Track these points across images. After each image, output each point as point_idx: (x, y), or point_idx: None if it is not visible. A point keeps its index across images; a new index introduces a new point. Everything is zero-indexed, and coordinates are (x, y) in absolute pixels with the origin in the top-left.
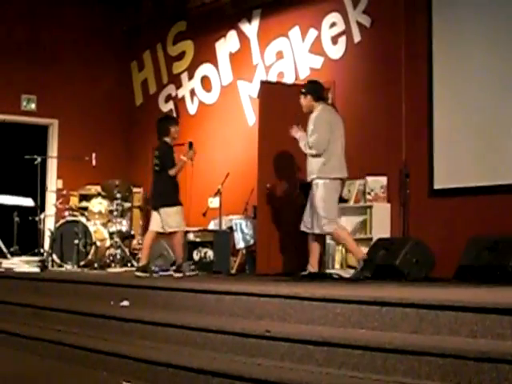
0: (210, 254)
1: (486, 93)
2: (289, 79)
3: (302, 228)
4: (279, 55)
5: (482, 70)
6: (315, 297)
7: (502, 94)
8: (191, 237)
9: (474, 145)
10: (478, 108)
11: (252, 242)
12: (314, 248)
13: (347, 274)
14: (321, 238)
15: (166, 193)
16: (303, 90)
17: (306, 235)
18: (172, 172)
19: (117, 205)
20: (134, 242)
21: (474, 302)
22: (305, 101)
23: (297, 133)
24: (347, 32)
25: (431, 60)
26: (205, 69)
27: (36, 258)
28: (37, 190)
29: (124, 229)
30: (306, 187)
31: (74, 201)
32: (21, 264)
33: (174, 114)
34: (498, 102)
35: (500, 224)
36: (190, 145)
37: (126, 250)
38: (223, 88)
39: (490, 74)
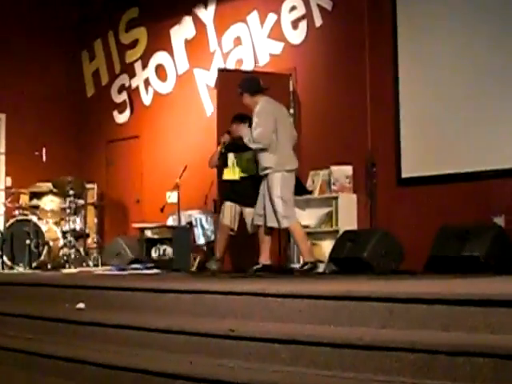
0: (169, 251)
1: (453, 78)
2: (248, 66)
3: (256, 221)
4: (237, 41)
5: (450, 54)
6: (280, 293)
7: (471, 78)
8: (149, 234)
9: (442, 131)
10: (446, 93)
11: (213, 237)
12: (267, 241)
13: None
14: (273, 232)
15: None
16: (239, 91)
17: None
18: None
19: (70, 202)
20: (89, 240)
21: (445, 293)
22: (245, 99)
23: (242, 129)
24: (308, 16)
25: (396, 43)
26: (159, 57)
27: None
28: None
29: (78, 227)
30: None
31: (24, 199)
32: None
33: (128, 106)
34: (466, 87)
35: (470, 212)
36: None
37: (81, 250)
38: (179, 77)
39: (458, 57)
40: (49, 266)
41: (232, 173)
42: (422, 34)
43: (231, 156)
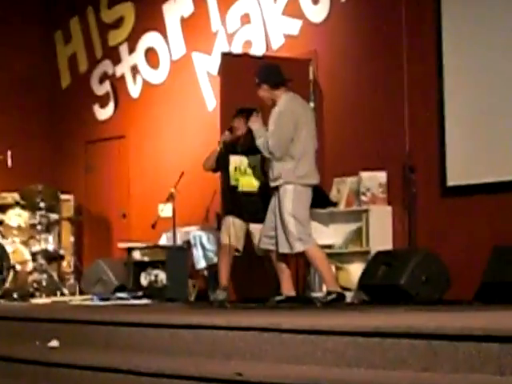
0: (163, 276)
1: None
2: (258, 50)
3: (264, 245)
4: (245, 19)
5: (507, 37)
6: (299, 328)
7: None
8: (137, 255)
9: (497, 130)
10: (503, 83)
11: (216, 260)
12: (283, 269)
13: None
14: (289, 258)
15: None
16: (256, 81)
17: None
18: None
19: (41, 217)
20: (64, 264)
21: (502, 329)
22: (262, 92)
23: (254, 123)
24: None
25: (440, 22)
26: (150, 39)
27: None
28: None
29: (51, 248)
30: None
31: None
32: None
33: (112, 98)
34: None
35: None
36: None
37: (54, 275)
38: (174, 63)
39: None
40: (15, 296)
41: (249, 183)
42: (473, 10)
43: (235, 159)
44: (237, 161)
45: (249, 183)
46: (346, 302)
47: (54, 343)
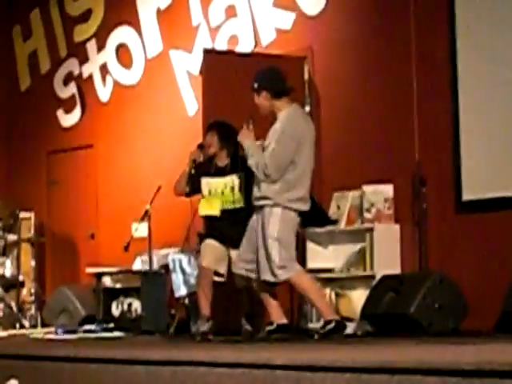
0: (137, 305)
1: None
2: (246, 46)
3: (238, 270)
4: (231, 12)
5: None
6: (294, 364)
7: None
8: (108, 282)
9: None
10: None
11: None
12: (268, 299)
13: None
14: (273, 286)
15: None
16: (255, 86)
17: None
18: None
19: None
20: (24, 291)
21: None
22: (260, 100)
23: (247, 139)
24: None
25: (454, 19)
26: (121, 34)
27: None
28: None
29: (8, 273)
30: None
31: None
32: None
33: (78, 102)
34: None
35: None
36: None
37: (13, 305)
38: (149, 62)
39: None
40: None
41: (209, 205)
42: (490, 13)
43: (207, 181)
44: (212, 184)
45: (207, 206)
46: (347, 332)
47: (13, 383)
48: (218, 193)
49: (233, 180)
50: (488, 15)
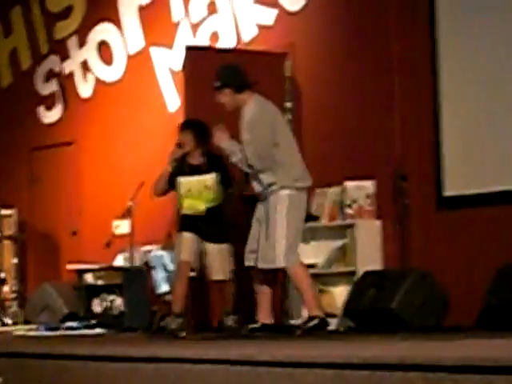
0: (119, 302)
1: None
2: (227, 43)
3: (248, 262)
4: (212, 8)
5: (503, 36)
6: (276, 360)
7: None
8: (90, 279)
9: (502, 132)
10: (505, 84)
11: None
12: (265, 291)
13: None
14: (272, 277)
15: None
16: (217, 85)
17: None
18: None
19: None
20: (5, 288)
21: (508, 358)
22: (224, 97)
23: (224, 140)
24: None
25: (433, 13)
26: (102, 31)
27: None
28: None
29: None
30: (253, 202)
31: None
32: None
33: (59, 98)
34: None
35: None
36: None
37: None
38: (130, 58)
39: None
40: None
41: (194, 203)
42: (471, 12)
43: (185, 180)
44: (190, 183)
45: (192, 206)
46: (330, 329)
47: None
48: (198, 191)
49: (212, 178)
50: (469, 12)
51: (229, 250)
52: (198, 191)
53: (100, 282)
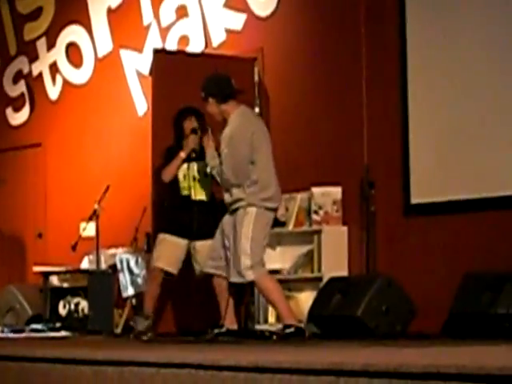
0: (84, 305)
1: (482, 75)
2: (196, 47)
3: (207, 269)
4: (181, 12)
5: (477, 43)
6: (240, 365)
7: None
8: (55, 281)
9: (468, 141)
10: (473, 91)
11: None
12: (227, 298)
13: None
14: (241, 288)
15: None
16: (202, 95)
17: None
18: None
19: None
20: None
21: (472, 366)
22: (209, 107)
23: (209, 147)
24: None
25: (404, 16)
26: (72, 33)
27: None
28: None
29: None
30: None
31: None
32: None
33: (27, 100)
34: (497, 88)
35: (508, 252)
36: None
37: None
38: (99, 61)
39: (487, 49)
40: None
41: (202, 189)
42: (439, 13)
43: (183, 166)
44: (184, 168)
45: (201, 192)
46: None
47: None
48: (191, 178)
49: (204, 165)
50: (439, 14)
51: None
52: (194, 176)
53: (65, 285)
